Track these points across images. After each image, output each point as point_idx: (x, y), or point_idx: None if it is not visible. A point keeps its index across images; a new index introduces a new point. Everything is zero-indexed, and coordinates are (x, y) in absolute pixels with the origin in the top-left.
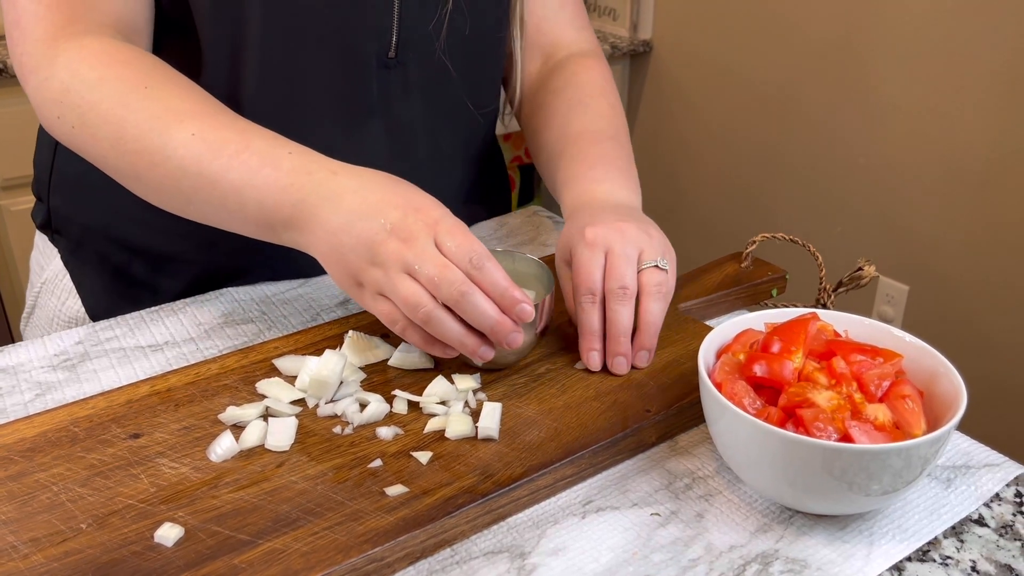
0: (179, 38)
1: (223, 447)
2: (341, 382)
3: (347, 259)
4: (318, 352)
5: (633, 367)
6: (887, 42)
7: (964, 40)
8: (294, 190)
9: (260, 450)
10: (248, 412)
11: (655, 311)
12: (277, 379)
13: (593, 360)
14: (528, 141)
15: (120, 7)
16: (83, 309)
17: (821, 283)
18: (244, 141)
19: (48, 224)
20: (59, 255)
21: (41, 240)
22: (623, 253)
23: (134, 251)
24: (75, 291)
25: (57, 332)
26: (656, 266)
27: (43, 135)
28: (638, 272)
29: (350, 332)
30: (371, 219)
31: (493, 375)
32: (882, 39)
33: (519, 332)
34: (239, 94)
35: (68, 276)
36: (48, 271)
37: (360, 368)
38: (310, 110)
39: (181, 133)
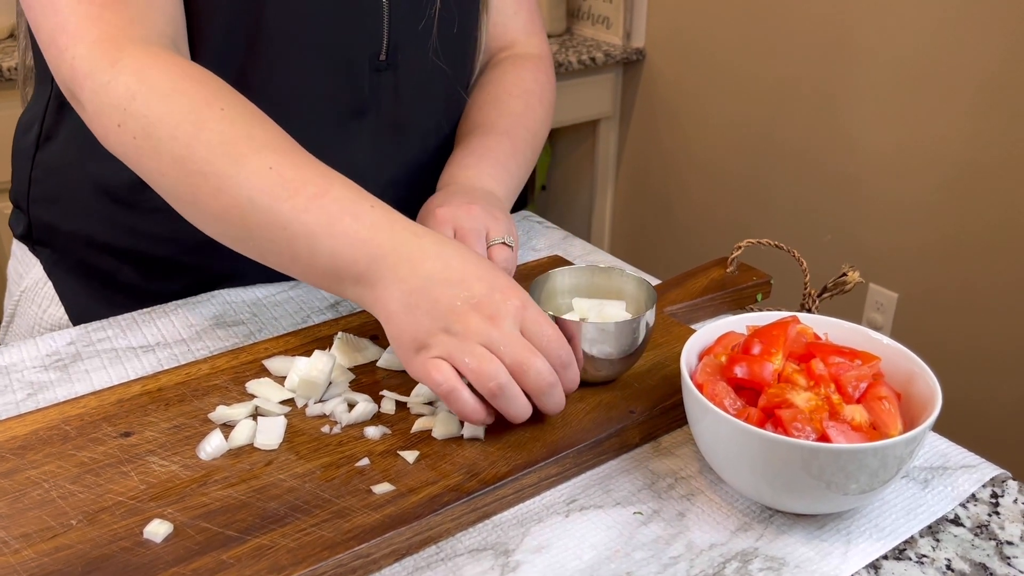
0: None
1: (213, 445)
2: (330, 383)
3: (419, 321)
4: (308, 353)
5: None
6: (876, 52)
7: (953, 48)
8: (374, 244)
9: (249, 449)
10: (238, 411)
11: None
12: (267, 379)
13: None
14: None
15: (172, 8)
16: (66, 317)
17: (806, 288)
18: (325, 185)
19: (28, 235)
20: (40, 264)
21: (20, 249)
22: (472, 228)
23: (122, 258)
24: (57, 299)
25: (47, 334)
26: (503, 243)
27: (20, 142)
28: (487, 248)
29: (339, 333)
30: (453, 287)
31: None
32: (871, 49)
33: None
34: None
35: (49, 285)
36: (27, 280)
37: (349, 369)
38: (303, 113)
39: (257, 163)
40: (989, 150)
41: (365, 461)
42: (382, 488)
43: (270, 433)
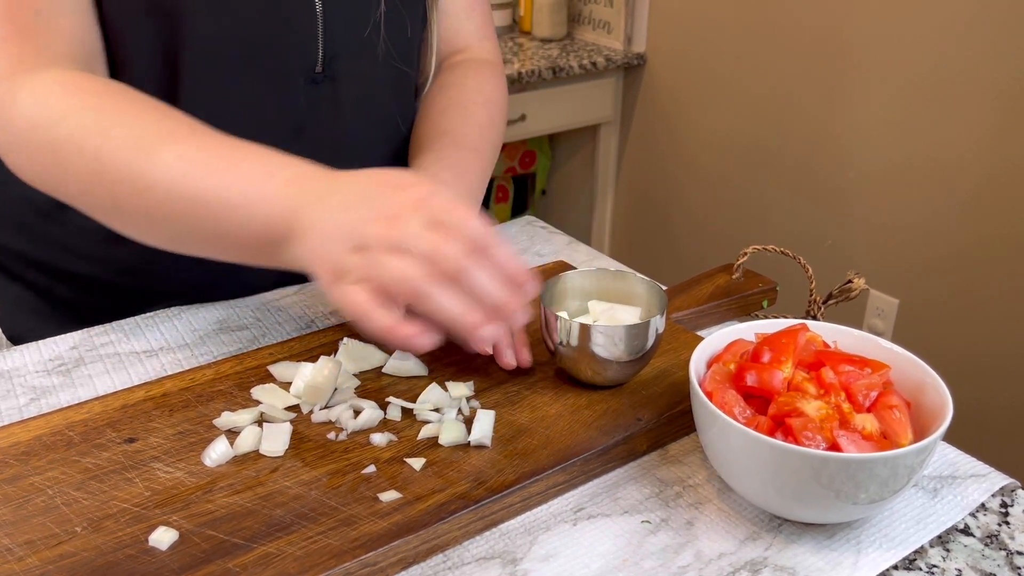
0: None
1: (218, 452)
2: (336, 388)
3: (330, 250)
4: (313, 359)
5: None
6: (879, 58)
7: (956, 54)
8: (289, 197)
9: (255, 455)
10: (243, 418)
11: (504, 255)
12: (272, 385)
13: (488, 334)
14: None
15: (78, 29)
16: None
17: (811, 295)
18: (234, 157)
19: None
20: None
21: None
22: None
23: (56, 276)
24: None
25: (50, 338)
26: None
27: None
28: None
29: (345, 339)
30: (358, 206)
31: (486, 382)
32: (873, 55)
33: (522, 312)
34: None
35: None
36: None
37: (355, 375)
38: (236, 133)
39: (166, 155)
40: (990, 157)
41: (371, 468)
42: (389, 496)
43: (275, 440)
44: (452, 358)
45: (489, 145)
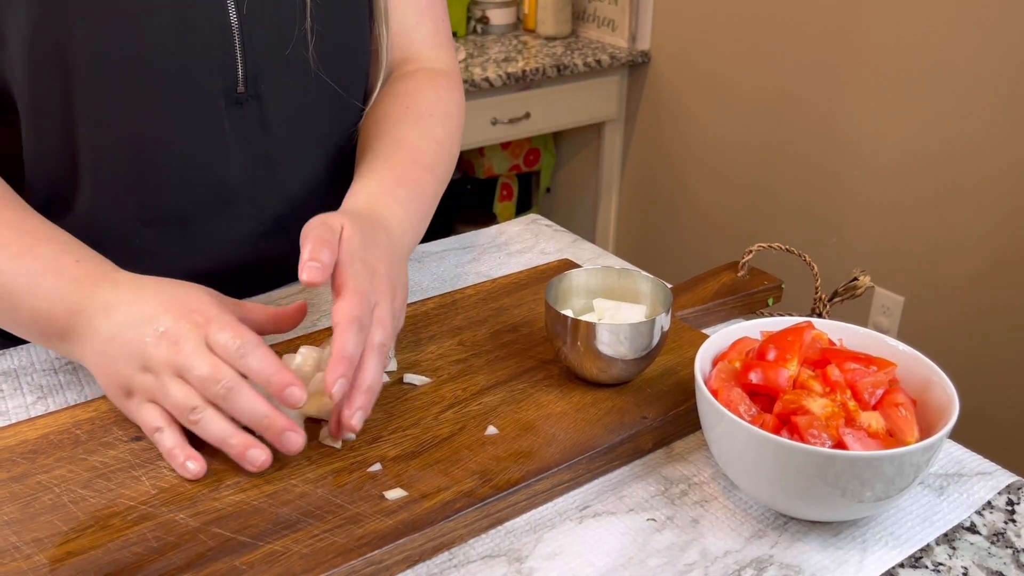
0: None
1: None
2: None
3: (117, 368)
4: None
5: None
6: (884, 54)
7: (962, 52)
8: (72, 300)
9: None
10: None
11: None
12: None
13: (340, 388)
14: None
15: None
16: None
17: (816, 293)
18: (29, 244)
19: None
20: None
21: None
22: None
23: None
24: None
25: None
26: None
27: None
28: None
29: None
30: (141, 327)
31: (490, 380)
32: (879, 52)
33: (295, 432)
34: (76, 158)
35: None
36: None
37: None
38: (158, 161)
39: None
40: (995, 153)
41: (377, 466)
42: (394, 494)
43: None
44: (454, 358)
45: (444, 164)
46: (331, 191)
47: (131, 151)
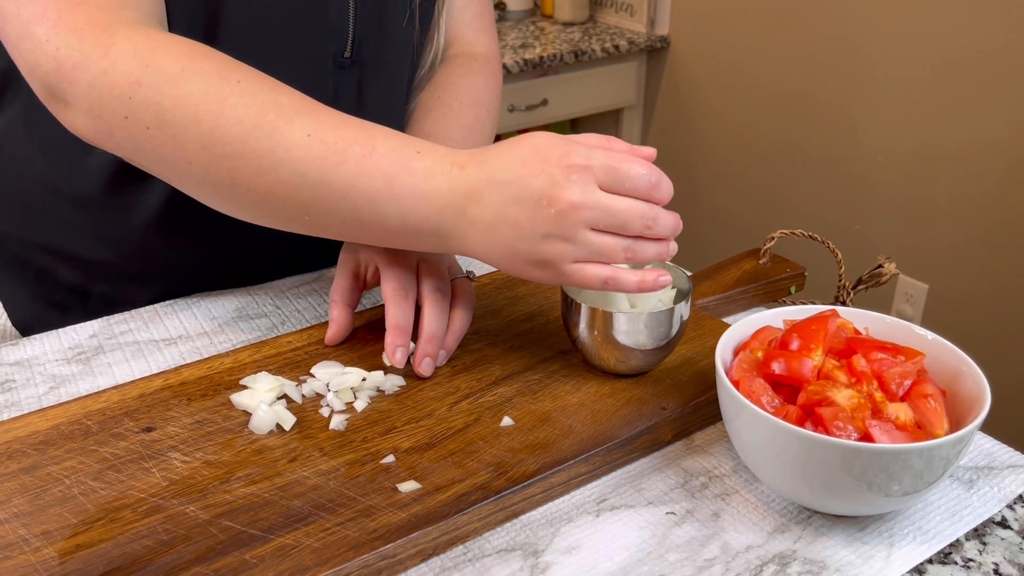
0: None
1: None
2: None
3: (517, 248)
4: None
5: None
6: (905, 37)
7: (985, 36)
8: (434, 195)
9: (273, 444)
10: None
11: (467, 319)
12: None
13: (399, 356)
14: None
15: None
16: (4, 320)
17: (840, 280)
18: (368, 142)
19: None
20: None
21: None
22: (436, 259)
23: (64, 259)
24: None
25: (72, 326)
26: (467, 276)
27: None
28: (452, 280)
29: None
30: (520, 202)
31: (506, 371)
32: (900, 34)
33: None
34: None
35: None
36: None
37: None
38: None
39: (295, 133)
40: (1020, 141)
41: (390, 458)
42: (408, 486)
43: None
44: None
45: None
46: None
47: None
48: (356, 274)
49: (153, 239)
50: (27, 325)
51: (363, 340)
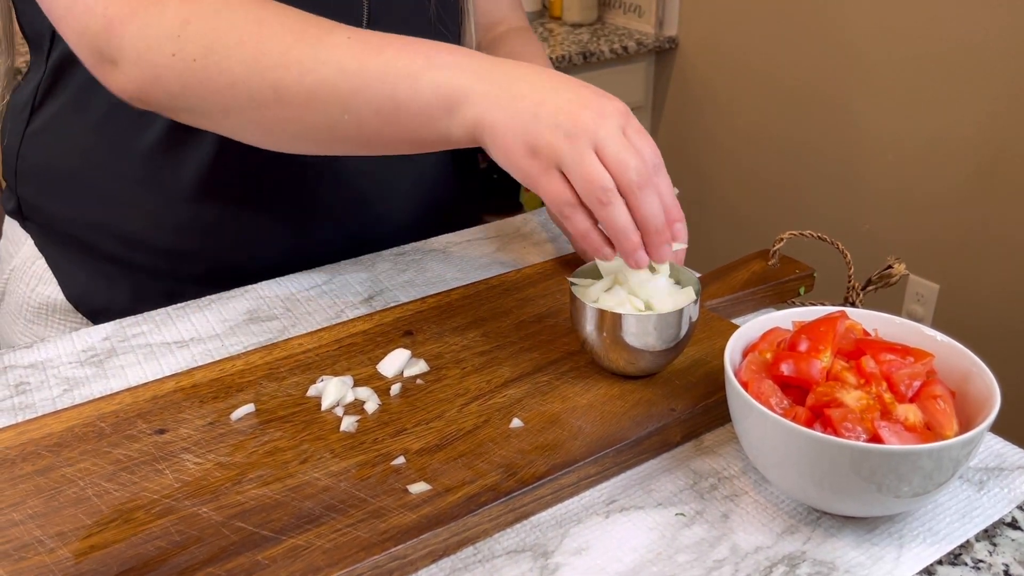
0: None
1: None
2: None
3: (531, 126)
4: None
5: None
6: (917, 36)
7: (997, 36)
8: (477, 66)
9: (284, 446)
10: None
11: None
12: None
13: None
14: None
15: None
16: (58, 294)
17: (850, 281)
18: (406, 39)
19: (18, 210)
20: (31, 240)
21: (9, 227)
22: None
23: (112, 234)
24: (46, 277)
25: (83, 329)
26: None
27: (10, 120)
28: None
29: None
30: (565, 91)
31: (515, 372)
32: (912, 33)
33: (670, 247)
34: None
35: (40, 261)
36: (17, 258)
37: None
38: None
39: (335, 38)
40: None
41: (401, 460)
42: (418, 488)
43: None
44: (479, 348)
45: None
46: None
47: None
48: None
49: (194, 214)
50: (80, 301)
51: (372, 343)
